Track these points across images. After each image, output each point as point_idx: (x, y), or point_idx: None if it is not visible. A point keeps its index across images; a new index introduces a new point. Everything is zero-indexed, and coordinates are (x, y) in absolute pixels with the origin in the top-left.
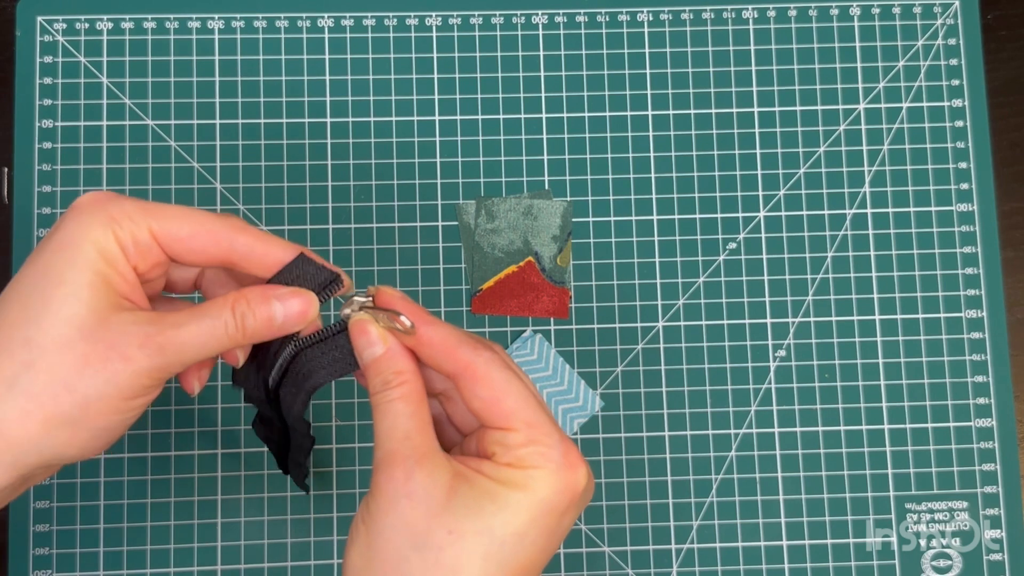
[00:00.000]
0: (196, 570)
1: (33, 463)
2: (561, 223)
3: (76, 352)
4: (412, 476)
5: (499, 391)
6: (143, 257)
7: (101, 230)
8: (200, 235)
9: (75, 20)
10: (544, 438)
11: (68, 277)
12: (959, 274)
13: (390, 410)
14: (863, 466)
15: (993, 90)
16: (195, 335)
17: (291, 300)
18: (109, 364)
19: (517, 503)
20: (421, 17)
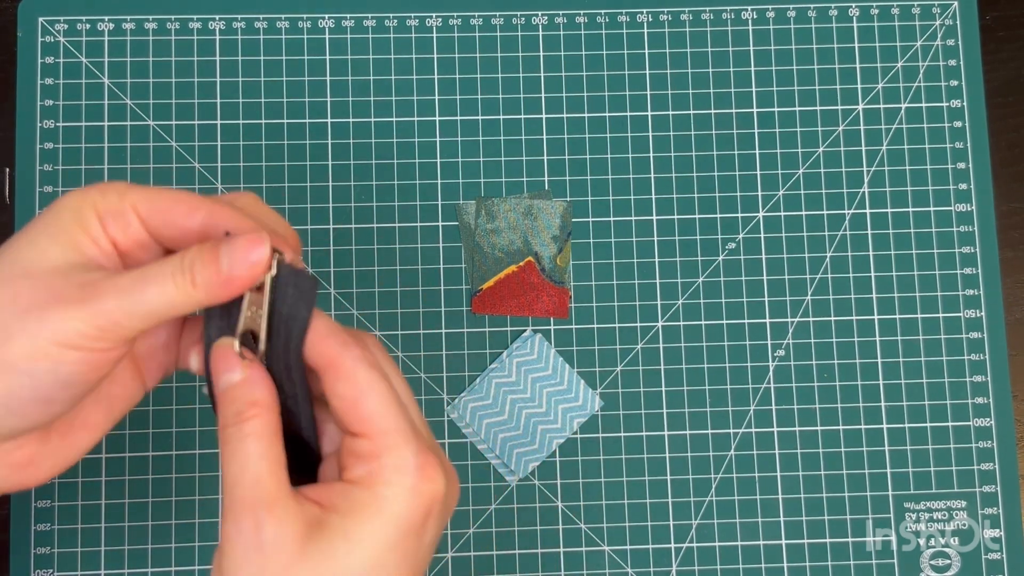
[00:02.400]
0: (197, 569)
1: None
2: (561, 223)
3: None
4: (262, 526)
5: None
6: (122, 230)
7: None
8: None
9: (76, 21)
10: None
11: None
12: (958, 274)
13: (240, 449)
14: (862, 465)
15: (991, 91)
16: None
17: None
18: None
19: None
20: (421, 18)
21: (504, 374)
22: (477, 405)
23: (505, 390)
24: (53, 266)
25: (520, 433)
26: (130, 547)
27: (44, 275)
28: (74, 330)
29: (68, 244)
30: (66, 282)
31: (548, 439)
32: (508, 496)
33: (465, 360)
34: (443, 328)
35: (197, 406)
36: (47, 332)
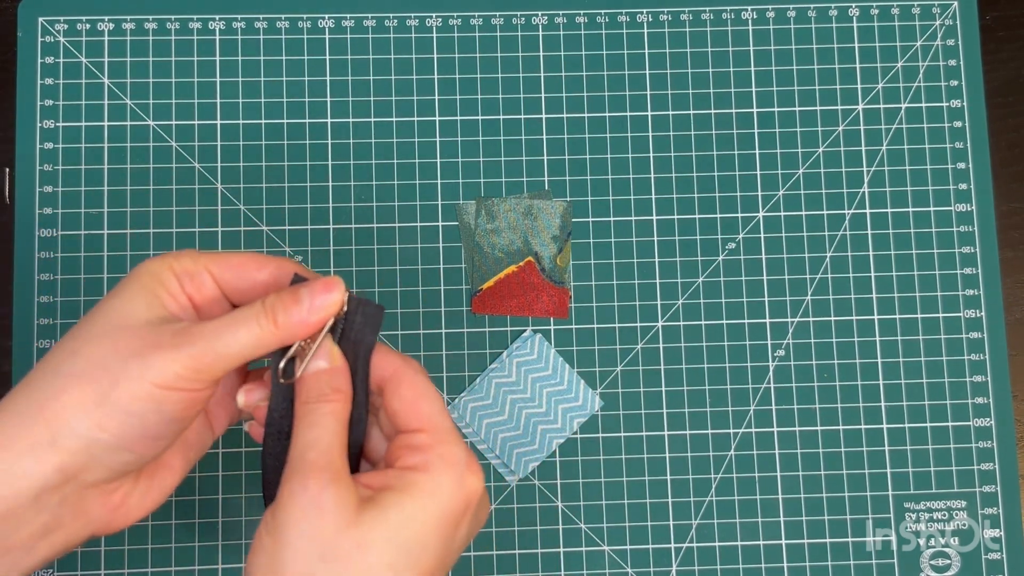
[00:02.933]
0: (197, 569)
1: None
2: (561, 223)
3: (113, 339)
4: (325, 489)
5: (420, 394)
6: (199, 290)
7: (161, 264)
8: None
9: (76, 21)
10: (450, 443)
11: (124, 292)
12: (957, 274)
13: (319, 422)
14: (862, 465)
15: (991, 91)
16: (228, 324)
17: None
18: (142, 348)
19: (419, 513)
20: (421, 18)
21: (504, 374)
22: (477, 405)
23: (505, 390)
24: (143, 319)
25: (520, 433)
26: (130, 547)
27: (138, 327)
28: (172, 372)
29: (152, 301)
30: (159, 332)
31: (548, 439)
32: (508, 496)
33: (465, 360)
34: (443, 328)
35: None
36: (150, 376)
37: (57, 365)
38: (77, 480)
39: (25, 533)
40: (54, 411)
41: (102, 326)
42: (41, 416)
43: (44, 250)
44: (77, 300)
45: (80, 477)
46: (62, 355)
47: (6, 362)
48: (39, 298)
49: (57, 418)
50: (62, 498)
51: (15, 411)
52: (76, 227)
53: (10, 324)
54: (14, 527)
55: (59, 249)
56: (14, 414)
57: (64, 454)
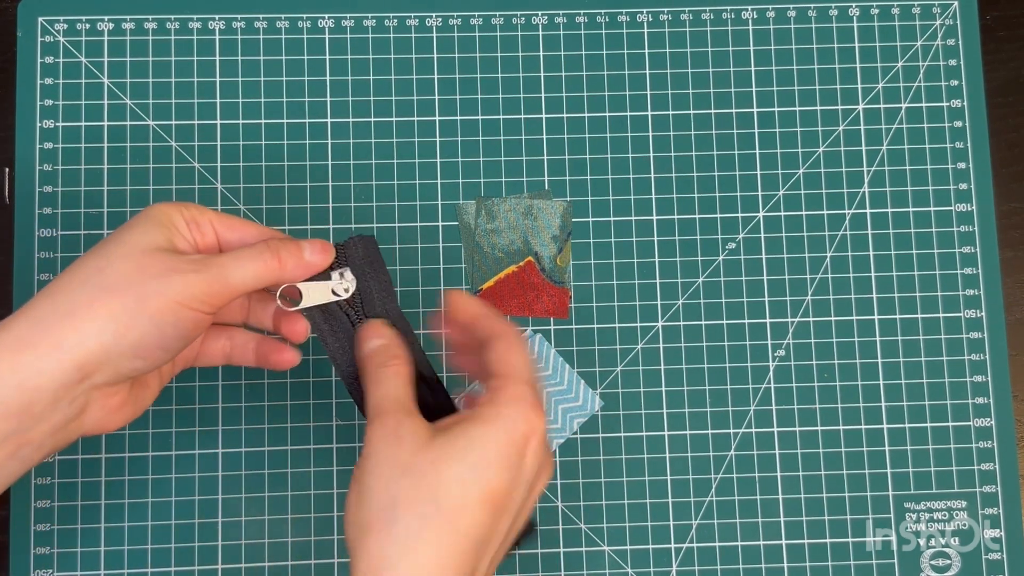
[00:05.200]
0: (197, 569)
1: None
2: (561, 223)
3: (139, 261)
4: (401, 424)
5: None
6: (202, 235)
7: (172, 207)
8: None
9: (76, 21)
10: (520, 383)
11: (139, 224)
12: (958, 274)
13: (385, 380)
14: (862, 465)
15: (992, 91)
16: (239, 257)
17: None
18: (165, 271)
19: (484, 436)
20: (421, 18)
21: None
22: None
23: None
24: (162, 247)
25: None
26: (130, 547)
27: (159, 253)
28: (191, 293)
29: (167, 235)
30: (179, 260)
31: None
32: None
33: None
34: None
35: (197, 406)
36: (172, 293)
37: (85, 278)
38: (88, 380)
39: (41, 429)
40: (83, 317)
41: (127, 249)
42: (69, 320)
43: (44, 250)
44: None
45: (92, 378)
46: (87, 271)
47: None
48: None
49: (86, 322)
50: (73, 397)
51: (38, 317)
52: (76, 227)
53: None
54: (34, 422)
55: (59, 249)
56: (37, 320)
57: (85, 355)
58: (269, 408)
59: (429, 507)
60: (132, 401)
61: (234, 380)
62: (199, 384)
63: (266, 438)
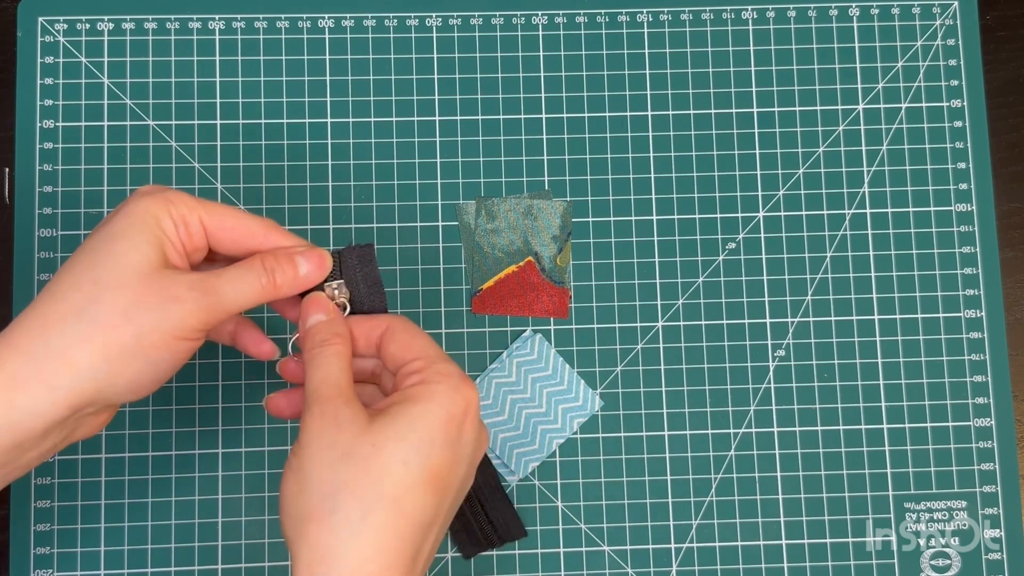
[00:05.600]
0: (197, 569)
1: (88, 392)
2: (561, 223)
3: (135, 290)
4: (340, 410)
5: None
6: (190, 237)
7: (160, 206)
8: (240, 228)
9: (76, 20)
10: (443, 361)
11: (130, 235)
12: (958, 274)
13: (325, 361)
14: (862, 466)
15: (992, 91)
16: (234, 280)
17: (309, 253)
18: (162, 302)
19: (424, 415)
20: (421, 18)
21: (504, 374)
22: None
23: (505, 390)
24: (155, 267)
25: (520, 433)
26: (130, 547)
27: (154, 276)
28: (189, 325)
29: (158, 247)
30: (175, 284)
31: (548, 439)
32: (508, 496)
33: (465, 360)
34: (443, 328)
35: (196, 406)
36: (169, 327)
37: (78, 311)
38: (80, 413)
39: (29, 456)
40: (78, 356)
41: (121, 273)
42: (63, 359)
43: (44, 250)
44: None
45: (83, 411)
46: (82, 299)
47: None
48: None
49: (80, 363)
50: (63, 428)
51: (30, 352)
52: (76, 227)
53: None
54: (23, 452)
55: (59, 249)
56: (29, 355)
57: (78, 394)
58: None
59: (373, 491)
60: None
61: (234, 380)
62: (199, 384)
63: (266, 438)
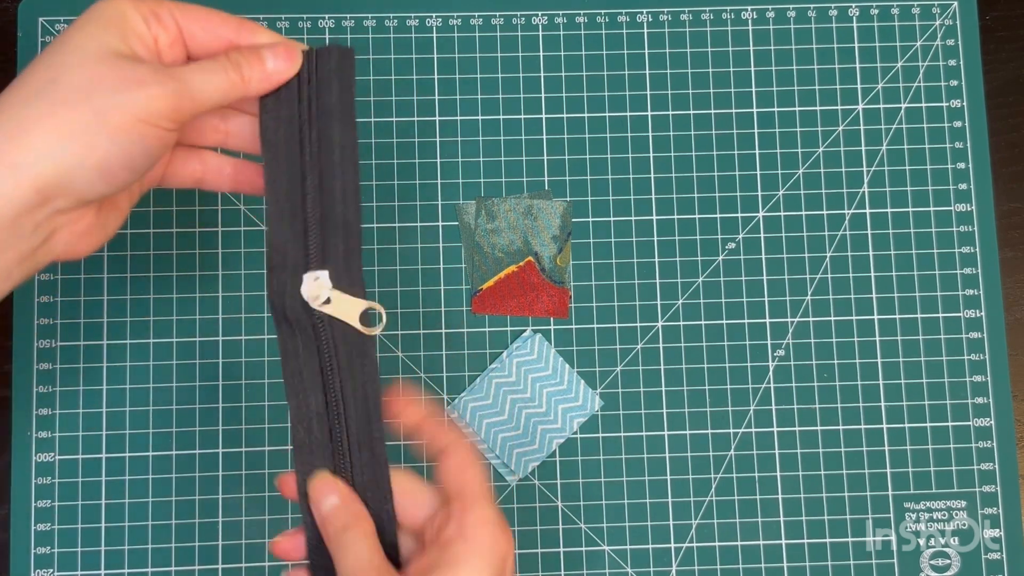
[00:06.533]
0: (197, 569)
1: (52, 173)
2: (561, 223)
3: (94, 71)
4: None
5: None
6: (163, 28)
7: (129, 3)
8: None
9: None
10: (485, 508)
11: (92, 26)
12: (957, 274)
13: (354, 546)
14: (862, 465)
15: (991, 91)
16: (200, 70)
17: (278, 47)
18: (124, 82)
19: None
20: (421, 18)
21: (504, 374)
22: (477, 405)
23: (505, 390)
24: (117, 52)
25: (520, 433)
26: (130, 547)
27: (116, 60)
28: (155, 108)
29: (120, 37)
30: (139, 69)
31: (548, 439)
32: (508, 496)
33: (465, 360)
34: (443, 328)
35: (197, 406)
36: (134, 109)
37: (35, 91)
38: (50, 205)
39: (6, 257)
40: (38, 134)
41: (78, 57)
42: (23, 138)
43: None
44: (77, 300)
45: (53, 202)
46: (38, 83)
47: (6, 362)
48: (39, 298)
49: (42, 141)
50: (36, 224)
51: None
52: None
53: (10, 324)
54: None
55: None
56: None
57: (43, 177)
58: (269, 408)
59: None
60: (101, 224)
61: (234, 380)
62: (199, 384)
63: (266, 438)
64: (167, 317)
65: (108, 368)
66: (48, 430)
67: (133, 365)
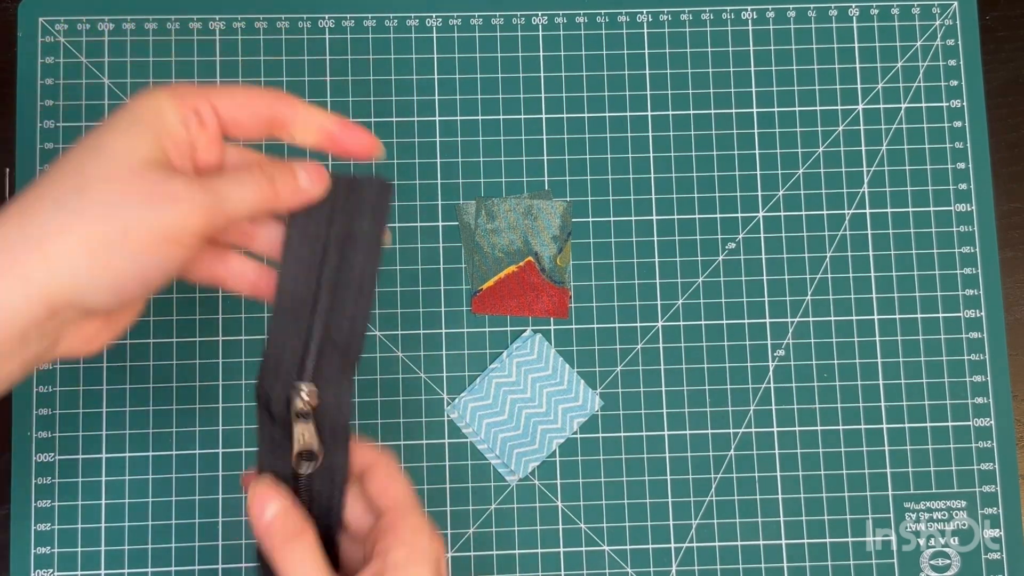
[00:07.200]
0: (197, 569)
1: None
2: (561, 223)
3: (124, 184)
4: None
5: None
6: (204, 126)
7: (166, 100)
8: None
9: (77, 21)
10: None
11: (126, 129)
12: (957, 274)
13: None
14: (862, 465)
15: (991, 91)
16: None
17: (309, 164)
18: (155, 199)
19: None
20: (422, 18)
21: (504, 374)
22: (477, 405)
23: (505, 390)
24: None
25: (520, 433)
26: (130, 547)
27: (147, 172)
28: (182, 226)
29: (156, 143)
30: (170, 182)
31: (548, 439)
32: (508, 496)
33: (465, 360)
34: (443, 328)
35: (197, 406)
36: (160, 226)
37: (60, 199)
38: (58, 317)
39: (11, 363)
40: (56, 249)
41: (110, 166)
42: (40, 250)
43: None
44: None
45: (62, 314)
46: (64, 190)
47: None
48: None
49: (58, 256)
50: (43, 333)
51: (5, 242)
52: None
53: None
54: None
55: None
56: (4, 246)
57: (55, 293)
58: None
59: None
60: (109, 327)
61: (234, 380)
62: (199, 384)
63: None
64: (167, 317)
65: (108, 368)
66: (48, 430)
67: (133, 365)
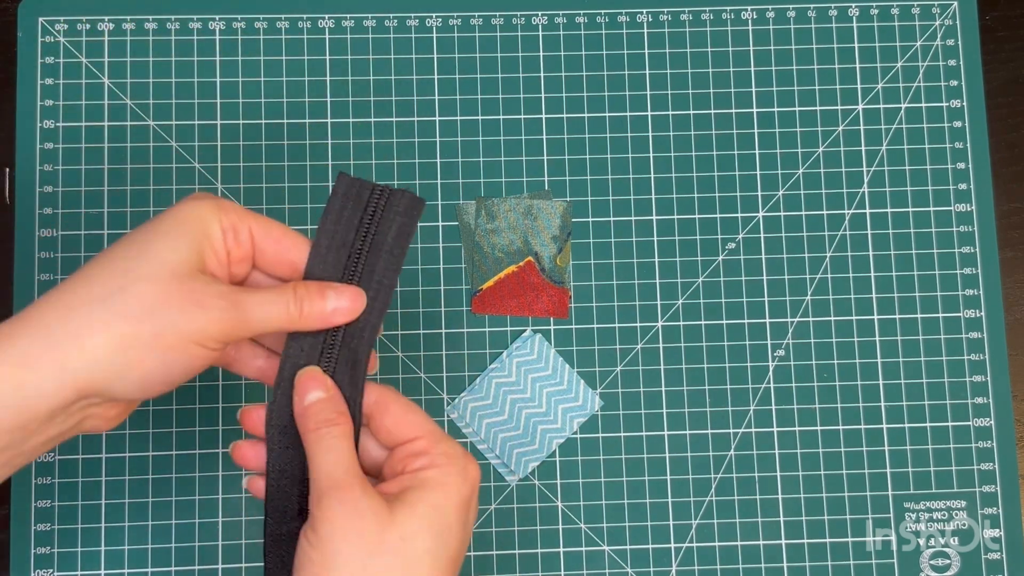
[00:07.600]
0: (197, 569)
1: (98, 381)
2: (561, 223)
3: (164, 287)
4: (360, 499)
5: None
6: (238, 245)
7: (211, 211)
8: (286, 240)
9: (76, 21)
10: (445, 441)
11: (172, 234)
12: (957, 274)
13: (335, 446)
14: (862, 465)
15: (991, 91)
16: (262, 301)
17: (343, 289)
18: (188, 304)
19: (442, 503)
20: (422, 18)
21: (504, 374)
22: (477, 405)
23: (505, 390)
24: (189, 270)
25: (520, 433)
26: (130, 547)
27: (185, 278)
28: (209, 333)
29: (197, 251)
30: (205, 291)
31: (548, 439)
32: (508, 496)
33: (465, 360)
34: (443, 328)
35: (197, 406)
36: (190, 331)
37: (103, 296)
38: (85, 402)
39: (34, 441)
40: (94, 343)
41: (152, 269)
42: (78, 342)
43: (44, 250)
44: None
45: (89, 399)
46: (107, 289)
47: None
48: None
49: (94, 350)
50: (68, 415)
51: (47, 331)
52: (76, 227)
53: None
54: (28, 436)
55: (59, 249)
56: (45, 335)
57: (87, 382)
58: None
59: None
60: (129, 408)
61: (234, 380)
62: (199, 384)
63: None
64: None
65: None
66: None
67: None
